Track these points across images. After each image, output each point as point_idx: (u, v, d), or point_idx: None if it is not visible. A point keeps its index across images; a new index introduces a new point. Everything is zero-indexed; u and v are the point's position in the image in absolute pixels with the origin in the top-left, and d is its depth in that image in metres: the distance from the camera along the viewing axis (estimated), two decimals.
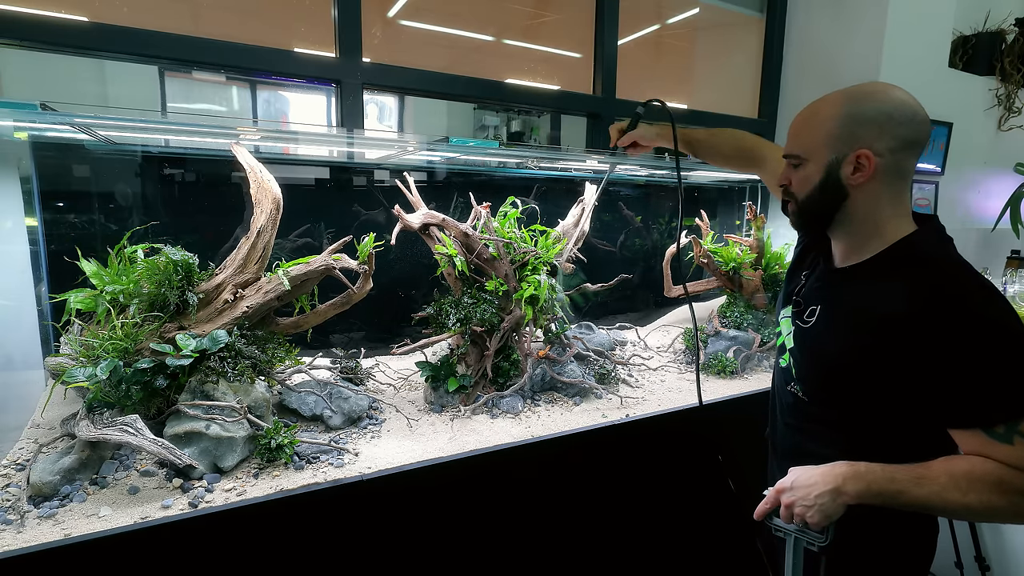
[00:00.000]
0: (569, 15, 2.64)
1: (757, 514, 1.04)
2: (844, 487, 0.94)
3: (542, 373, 1.88)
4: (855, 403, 1.06)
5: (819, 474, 0.97)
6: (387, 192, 2.18)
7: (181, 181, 1.92)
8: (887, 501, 0.94)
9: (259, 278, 1.56)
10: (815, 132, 1.05)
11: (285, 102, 2.81)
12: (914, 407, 0.99)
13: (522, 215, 1.94)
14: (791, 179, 1.12)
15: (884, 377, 1.00)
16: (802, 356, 1.15)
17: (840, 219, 1.08)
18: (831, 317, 1.10)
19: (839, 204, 1.06)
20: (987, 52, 2.94)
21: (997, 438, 0.91)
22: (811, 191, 1.07)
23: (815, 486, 0.96)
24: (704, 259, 2.50)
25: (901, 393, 0.99)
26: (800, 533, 0.99)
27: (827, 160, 1.04)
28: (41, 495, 1.17)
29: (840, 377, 1.07)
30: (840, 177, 1.03)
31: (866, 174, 1.01)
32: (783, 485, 1.00)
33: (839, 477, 0.95)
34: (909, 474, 0.94)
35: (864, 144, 1.00)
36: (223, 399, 1.37)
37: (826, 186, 1.05)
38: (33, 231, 1.65)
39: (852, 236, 1.09)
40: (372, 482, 1.32)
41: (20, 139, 1.60)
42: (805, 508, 0.96)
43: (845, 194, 1.05)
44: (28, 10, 1.60)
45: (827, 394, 1.11)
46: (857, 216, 1.06)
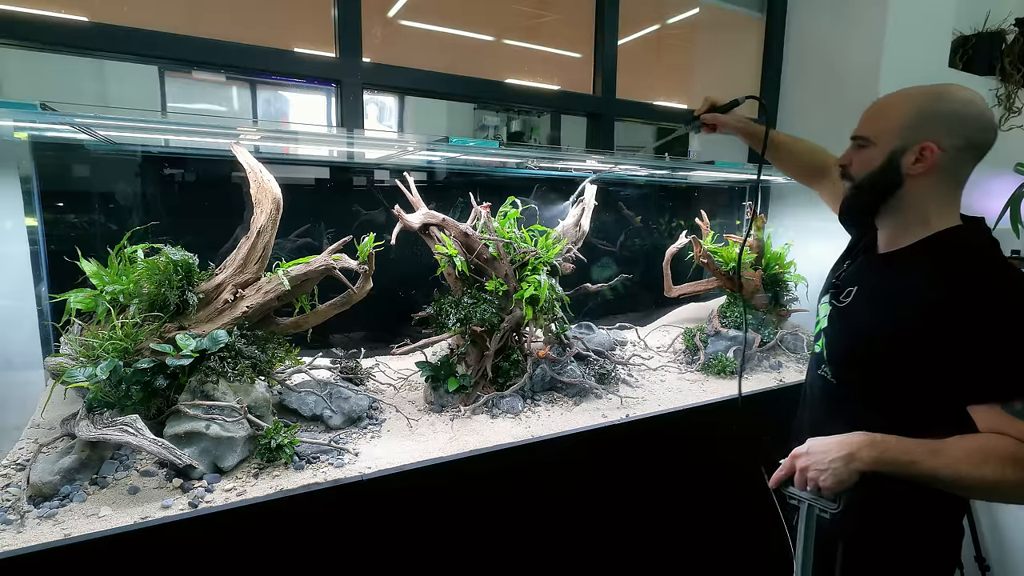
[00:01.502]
0: (569, 15, 2.64)
1: (773, 481, 1.07)
2: (858, 453, 0.97)
3: (542, 373, 1.88)
4: (881, 381, 1.11)
5: (834, 441, 1.01)
6: (387, 192, 2.18)
7: (181, 181, 1.92)
8: (899, 471, 0.97)
9: (259, 278, 1.56)
10: (888, 117, 1.11)
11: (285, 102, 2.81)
12: (936, 385, 1.03)
13: (522, 215, 1.94)
14: (852, 159, 1.17)
15: (910, 355, 1.05)
16: (835, 334, 1.21)
17: (890, 205, 1.13)
18: (866, 297, 1.17)
19: (893, 190, 1.11)
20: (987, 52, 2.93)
21: (1015, 413, 0.95)
22: (870, 173, 1.13)
23: (829, 451, 0.99)
24: (704, 259, 2.50)
25: (925, 371, 1.04)
26: (813, 500, 1.01)
27: (892, 146, 1.09)
28: (41, 495, 1.17)
29: (869, 354, 1.12)
30: (900, 164, 1.09)
31: (926, 166, 1.06)
32: (799, 451, 1.03)
33: (853, 444, 0.99)
34: (924, 446, 0.97)
35: (931, 137, 1.05)
36: (223, 399, 1.37)
37: (885, 170, 1.10)
38: (33, 231, 1.65)
39: (898, 224, 1.15)
40: (372, 482, 1.32)
41: (20, 139, 1.60)
42: (819, 472, 0.99)
43: (900, 181, 1.10)
44: (28, 10, 1.60)
45: (855, 372, 1.16)
46: (906, 205, 1.11)
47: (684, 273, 2.68)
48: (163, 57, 1.81)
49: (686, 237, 2.58)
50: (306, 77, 2.03)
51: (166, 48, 1.77)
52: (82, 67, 1.81)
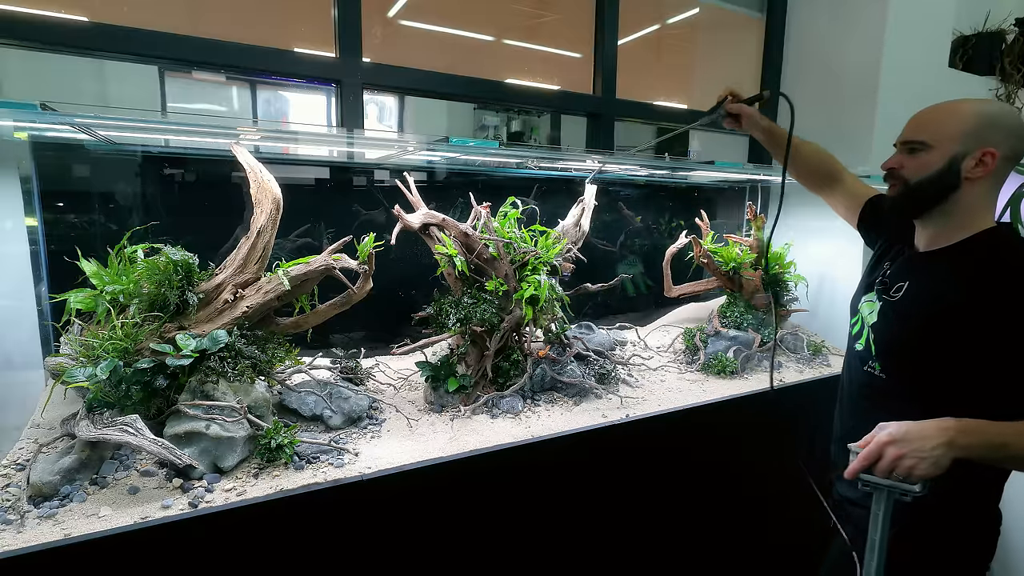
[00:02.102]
0: (569, 15, 2.64)
1: (851, 471, 1.04)
2: (957, 439, 0.98)
3: (542, 373, 1.88)
4: (935, 373, 1.15)
5: (932, 427, 1.00)
6: (387, 192, 2.18)
7: (181, 181, 1.92)
8: (992, 454, 1.01)
9: (259, 278, 1.56)
10: (949, 123, 1.16)
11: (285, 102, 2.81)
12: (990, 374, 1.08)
13: (522, 215, 1.94)
14: (903, 163, 1.21)
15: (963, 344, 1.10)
16: (887, 327, 1.25)
17: (943, 206, 1.19)
18: (917, 293, 1.21)
19: (948, 193, 1.17)
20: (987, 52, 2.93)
21: None
22: (928, 176, 1.17)
23: (930, 438, 0.98)
24: (704, 259, 2.50)
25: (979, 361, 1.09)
26: (895, 486, 1.00)
27: (954, 151, 1.14)
28: (41, 495, 1.17)
29: (922, 344, 1.16)
30: (960, 169, 1.14)
31: (986, 170, 1.13)
32: (894, 437, 1.00)
33: (951, 430, 0.99)
34: (1014, 428, 1.00)
35: (991, 144, 1.12)
36: (223, 399, 1.37)
37: (945, 174, 1.15)
38: (33, 231, 1.65)
39: (945, 224, 1.20)
40: (372, 482, 1.32)
41: (20, 139, 1.60)
42: (919, 459, 0.98)
43: (958, 184, 1.16)
44: (28, 10, 1.60)
45: (908, 364, 1.20)
46: (960, 206, 1.17)
47: (684, 273, 2.68)
48: (163, 57, 1.81)
49: (686, 237, 2.58)
50: (306, 77, 2.03)
51: (166, 48, 1.77)
52: (82, 67, 1.81)
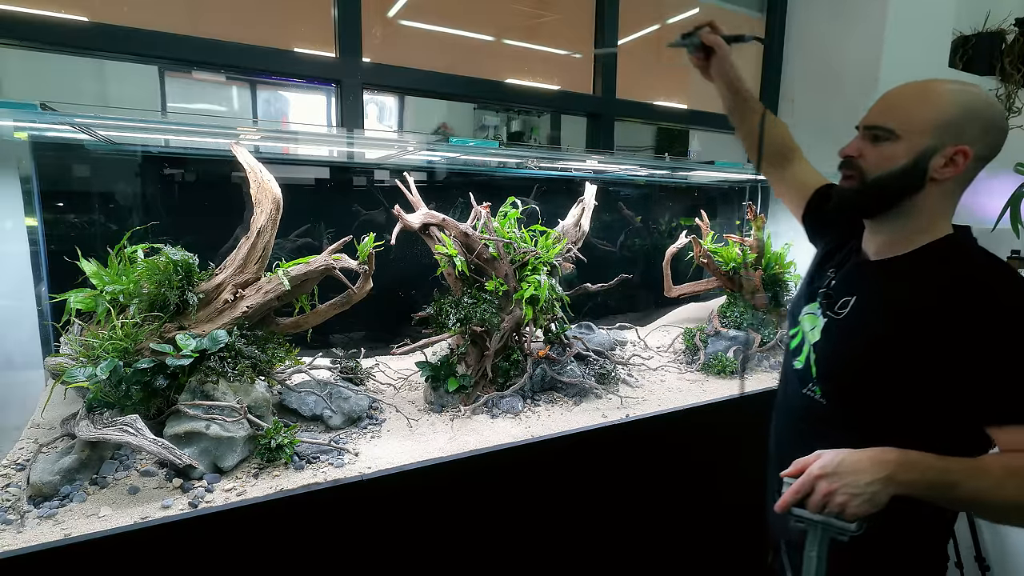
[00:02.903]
0: (569, 15, 2.64)
1: (782, 505, 0.92)
2: (896, 475, 0.86)
3: (542, 373, 1.88)
4: (883, 403, 1.00)
5: (868, 459, 0.88)
6: (387, 192, 2.18)
7: (181, 181, 1.92)
8: (937, 495, 0.87)
9: (259, 278, 1.56)
10: (923, 111, 0.98)
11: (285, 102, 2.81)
12: (946, 404, 0.95)
13: (522, 215, 1.94)
14: (863, 152, 1.03)
15: (917, 371, 0.95)
16: (830, 349, 1.08)
17: (901, 209, 1.02)
18: (866, 308, 1.05)
19: (911, 193, 1.00)
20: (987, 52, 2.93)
21: None
22: (891, 171, 1.00)
23: (865, 472, 0.86)
24: (704, 259, 2.50)
25: (934, 388, 0.95)
26: (830, 523, 0.89)
27: (924, 145, 0.97)
28: (41, 495, 1.17)
29: (867, 366, 1.01)
30: (928, 167, 0.98)
31: (955, 171, 0.98)
32: (825, 470, 0.88)
33: (890, 464, 0.87)
34: (964, 465, 0.87)
35: (966, 141, 0.96)
36: (223, 399, 1.37)
37: (910, 171, 0.99)
38: (33, 231, 1.65)
39: (900, 229, 1.04)
40: (372, 482, 1.32)
41: (20, 139, 1.60)
42: (851, 496, 0.86)
43: (921, 185, 0.99)
44: (28, 10, 1.60)
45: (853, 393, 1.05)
46: (919, 211, 1.01)
47: (684, 273, 2.68)
48: (163, 57, 1.81)
49: (686, 237, 2.58)
50: (306, 77, 2.03)
51: (166, 48, 1.77)
52: (82, 67, 1.81)
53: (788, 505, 0.91)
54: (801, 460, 0.93)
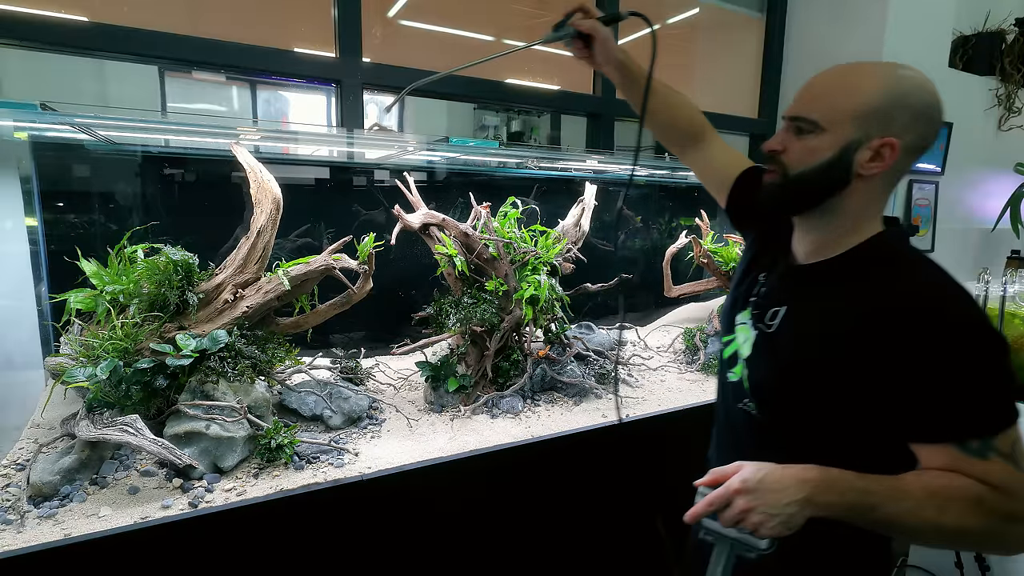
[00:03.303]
0: None
1: (692, 516, 0.86)
2: (815, 497, 0.81)
3: (542, 373, 1.88)
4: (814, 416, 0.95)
5: (791, 478, 0.82)
6: (387, 192, 2.18)
7: (181, 181, 1.92)
8: (857, 516, 0.82)
9: (259, 278, 1.56)
10: (848, 100, 0.89)
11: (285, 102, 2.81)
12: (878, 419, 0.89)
13: (522, 215, 1.94)
14: (787, 145, 0.95)
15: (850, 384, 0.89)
16: (762, 364, 1.01)
17: (827, 208, 0.94)
18: (796, 318, 0.98)
19: (837, 190, 0.92)
20: (987, 52, 2.93)
21: (971, 453, 0.82)
22: (814, 167, 0.92)
23: (784, 492, 0.81)
24: (704, 259, 2.50)
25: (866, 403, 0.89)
26: (740, 539, 0.83)
27: (849, 137, 0.89)
28: (41, 495, 1.17)
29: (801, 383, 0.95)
30: (853, 161, 0.89)
31: (883, 166, 0.89)
32: (746, 485, 0.82)
33: (809, 484, 0.82)
34: (885, 486, 0.82)
35: (894, 133, 0.87)
36: (223, 399, 1.37)
37: (835, 166, 0.90)
38: (33, 231, 1.65)
39: (831, 229, 0.96)
40: (372, 482, 1.32)
41: (20, 139, 1.60)
42: (767, 516, 0.80)
43: (847, 181, 0.91)
44: (28, 10, 1.60)
45: (785, 405, 0.98)
46: (848, 208, 0.94)
47: (684, 273, 2.68)
48: (163, 57, 1.81)
49: (686, 237, 2.58)
50: (306, 77, 2.03)
51: (166, 48, 1.77)
52: (82, 67, 1.81)
53: (700, 516, 0.86)
54: (720, 470, 0.87)
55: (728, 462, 1.06)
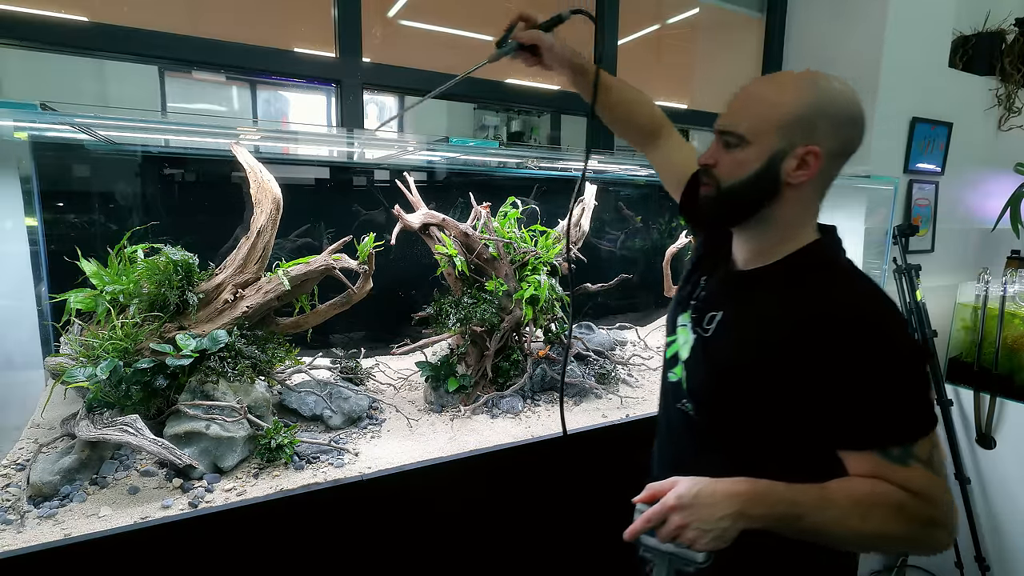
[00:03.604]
0: None
1: (630, 533, 0.88)
2: (747, 510, 0.82)
3: (542, 373, 1.88)
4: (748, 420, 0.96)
5: (723, 493, 0.84)
6: (387, 192, 2.18)
7: (181, 181, 1.92)
8: (785, 527, 0.83)
9: (259, 278, 1.56)
10: (771, 111, 0.91)
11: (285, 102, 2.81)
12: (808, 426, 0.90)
13: (522, 215, 1.94)
14: (718, 159, 0.96)
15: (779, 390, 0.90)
16: (698, 367, 1.02)
17: (761, 217, 0.95)
18: (732, 324, 0.99)
19: (768, 201, 0.93)
20: (987, 52, 2.93)
21: (893, 460, 0.84)
22: (743, 179, 0.93)
23: (717, 507, 0.82)
24: None
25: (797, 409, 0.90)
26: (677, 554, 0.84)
27: (774, 148, 0.90)
28: (41, 495, 1.17)
29: (736, 389, 0.96)
30: (780, 171, 0.91)
31: (809, 173, 0.90)
32: (681, 502, 0.84)
33: (742, 498, 0.83)
34: (811, 496, 0.84)
35: (816, 140, 0.89)
36: (223, 399, 1.37)
37: (763, 177, 0.91)
38: (33, 231, 1.65)
39: (766, 238, 0.98)
40: (372, 482, 1.32)
41: (20, 139, 1.60)
42: (701, 532, 0.82)
43: (777, 191, 0.92)
44: (28, 10, 1.60)
45: (721, 409, 0.99)
46: (780, 218, 0.95)
47: None
48: (163, 57, 1.81)
49: (686, 237, 2.58)
50: (306, 77, 2.03)
51: (166, 48, 1.77)
52: (82, 67, 1.81)
53: (638, 533, 0.87)
54: (655, 485, 0.89)
55: (668, 460, 1.12)
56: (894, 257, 2.61)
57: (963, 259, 3.06)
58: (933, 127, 2.73)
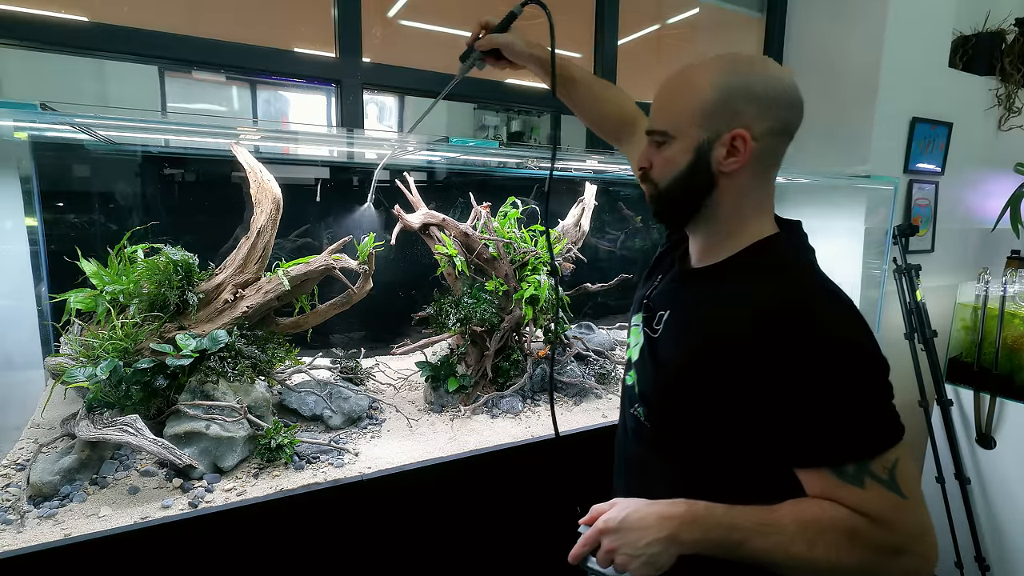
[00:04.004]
0: (569, 15, 2.64)
1: (572, 557, 0.86)
2: (679, 535, 0.77)
3: (542, 373, 1.88)
4: (695, 428, 0.89)
5: (653, 516, 0.79)
6: (387, 192, 2.18)
7: (181, 181, 1.92)
8: (726, 552, 0.78)
9: (259, 278, 1.56)
10: (687, 104, 0.86)
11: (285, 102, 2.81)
12: (755, 438, 0.83)
13: (522, 215, 1.94)
14: (652, 160, 0.92)
15: (725, 399, 0.84)
16: (645, 369, 0.97)
17: (704, 213, 0.91)
18: (678, 324, 0.93)
19: (706, 194, 0.89)
20: (987, 52, 2.93)
21: (847, 479, 0.76)
22: (676, 176, 0.89)
23: (646, 532, 0.78)
24: None
25: (741, 421, 0.83)
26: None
27: (698, 140, 0.86)
28: (41, 495, 1.17)
29: (680, 395, 0.90)
30: (711, 162, 0.86)
31: (741, 160, 0.85)
32: (608, 525, 0.81)
33: (674, 522, 0.78)
34: (753, 520, 0.78)
35: (742, 124, 0.84)
36: (223, 399, 1.37)
37: (694, 171, 0.87)
38: (33, 231, 1.65)
39: (712, 233, 0.93)
40: (372, 482, 1.32)
41: (20, 139, 1.60)
42: (630, 558, 0.78)
43: (713, 183, 0.87)
44: (28, 10, 1.60)
45: (667, 416, 0.94)
46: (722, 210, 0.90)
47: None
48: (163, 57, 1.81)
49: None
50: (306, 77, 2.03)
51: (166, 48, 1.77)
52: (82, 67, 1.81)
53: (579, 557, 0.86)
54: (597, 508, 0.86)
55: (622, 469, 1.08)
56: (894, 257, 2.61)
57: (963, 259, 3.06)
58: (933, 127, 2.73)
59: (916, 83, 2.63)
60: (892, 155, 2.65)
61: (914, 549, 0.76)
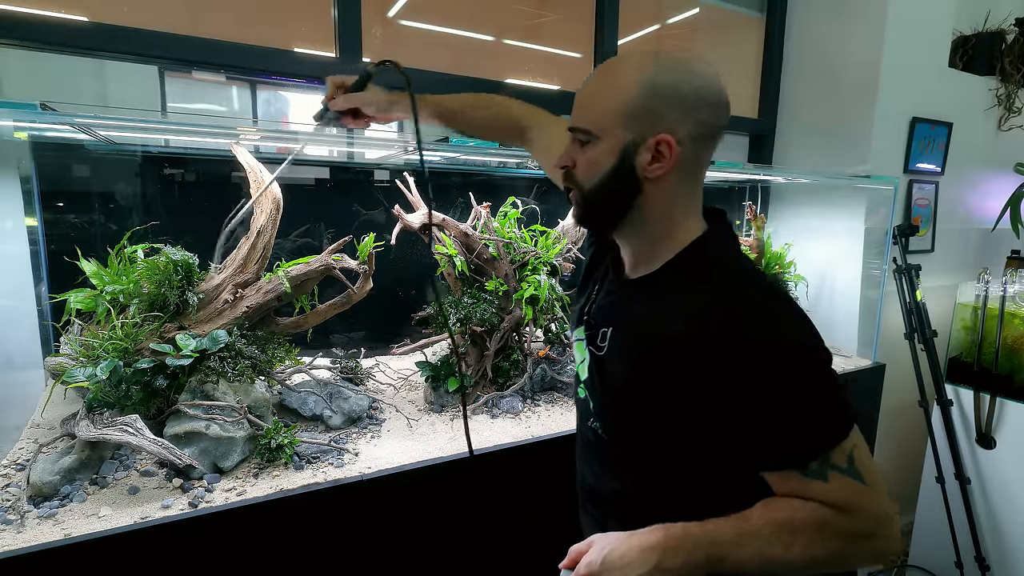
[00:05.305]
0: (569, 15, 2.64)
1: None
2: (663, 564, 0.77)
3: (542, 373, 1.88)
4: (651, 443, 0.88)
5: (635, 551, 0.78)
6: (387, 192, 2.18)
7: (181, 181, 1.92)
8: (711, 569, 0.77)
9: (259, 278, 1.56)
10: (611, 102, 0.82)
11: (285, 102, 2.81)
12: (711, 447, 0.83)
13: (522, 215, 1.94)
14: (576, 159, 0.87)
15: (675, 413, 0.83)
16: (595, 388, 0.95)
17: (631, 218, 0.87)
18: (621, 342, 0.91)
19: (631, 200, 0.85)
20: (987, 52, 2.93)
21: (812, 475, 0.77)
22: (600, 179, 0.85)
23: (630, 568, 0.77)
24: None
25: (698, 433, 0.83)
26: None
27: (623, 140, 0.82)
28: (41, 495, 1.17)
29: (631, 412, 0.88)
30: (635, 166, 0.82)
31: (666, 165, 0.82)
32: (591, 569, 0.80)
33: (656, 552, 0.77)
34: (731, 532, 0.78)
35: (666, 127, 0.80)
36: (223, 399, 1.37)
37: (619, 174, 0.83)
38: (33, 231, 1.65)
39: (643, 241, 0.90)
40: (372, 482, 1.32)
41: (20, 139, 1.60)
42: None
43: (639, 188, 0.84)
44: (28, 10, 1.60)
45: (624, 433, 0.92)
46: (650, 216, 0.86)
47: None
48: (163, 57, 1.81)
49: None
50: (306, 77, 2.02)
51: (166, 48, 1.77)
52: (82, 67, 1.81)
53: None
54: (576, 549, 0.86)
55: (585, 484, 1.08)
56: (894, 257, 2.61)
57: (963, 259, 3.06)
58: (933, 127, 2.73)
59: (916, 83, 2.63)
60: (892, 155, 2.65)
61: (881, 532, 0.77)
